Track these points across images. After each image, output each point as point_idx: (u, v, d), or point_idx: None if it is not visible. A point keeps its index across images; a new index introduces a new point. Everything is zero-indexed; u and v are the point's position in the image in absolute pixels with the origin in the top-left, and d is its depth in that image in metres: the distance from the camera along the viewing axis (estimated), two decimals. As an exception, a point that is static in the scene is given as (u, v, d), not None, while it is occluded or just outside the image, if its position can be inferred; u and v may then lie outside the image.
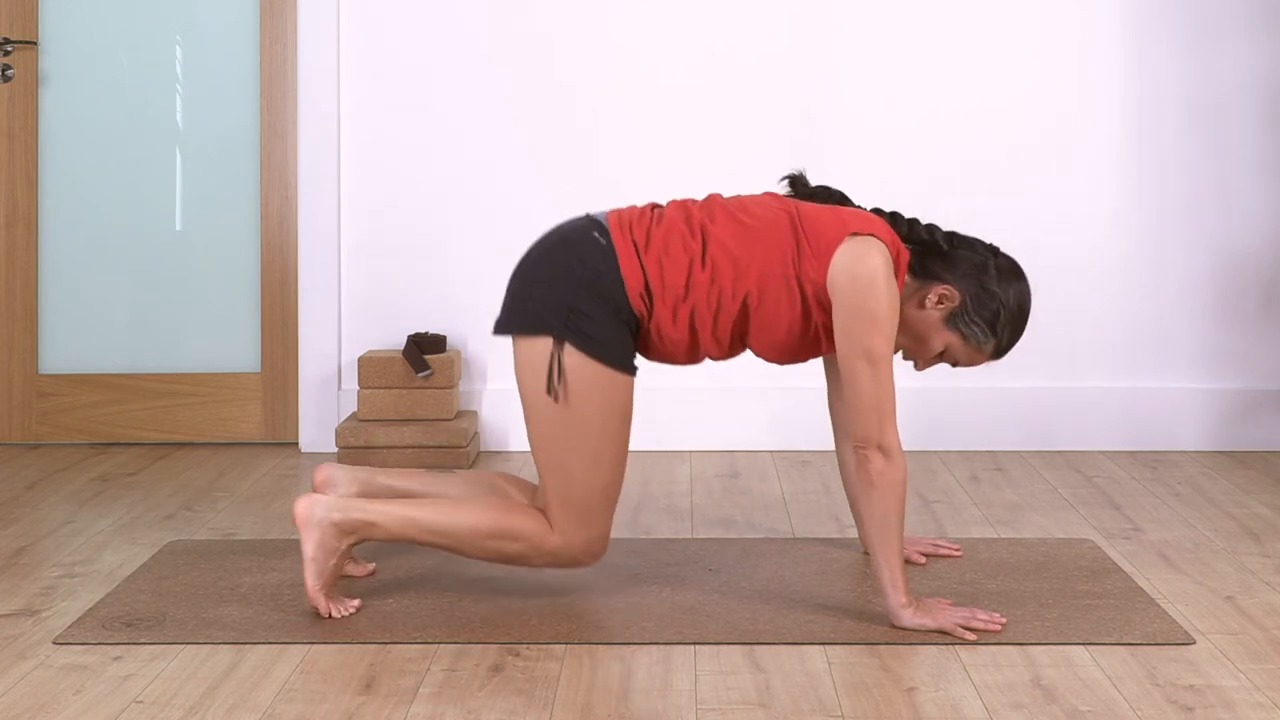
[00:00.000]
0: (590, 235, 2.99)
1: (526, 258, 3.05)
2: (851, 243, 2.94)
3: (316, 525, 2.95)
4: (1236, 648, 2.82)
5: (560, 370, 2.93)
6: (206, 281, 4.76)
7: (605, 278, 2.95)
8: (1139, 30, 4.65)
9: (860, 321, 2.91)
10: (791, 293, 2.96)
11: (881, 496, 2.91)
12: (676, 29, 4.67)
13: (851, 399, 2.93)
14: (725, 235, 2.97)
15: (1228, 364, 4.68)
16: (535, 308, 2.96)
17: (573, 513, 2.99)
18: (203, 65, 4.75)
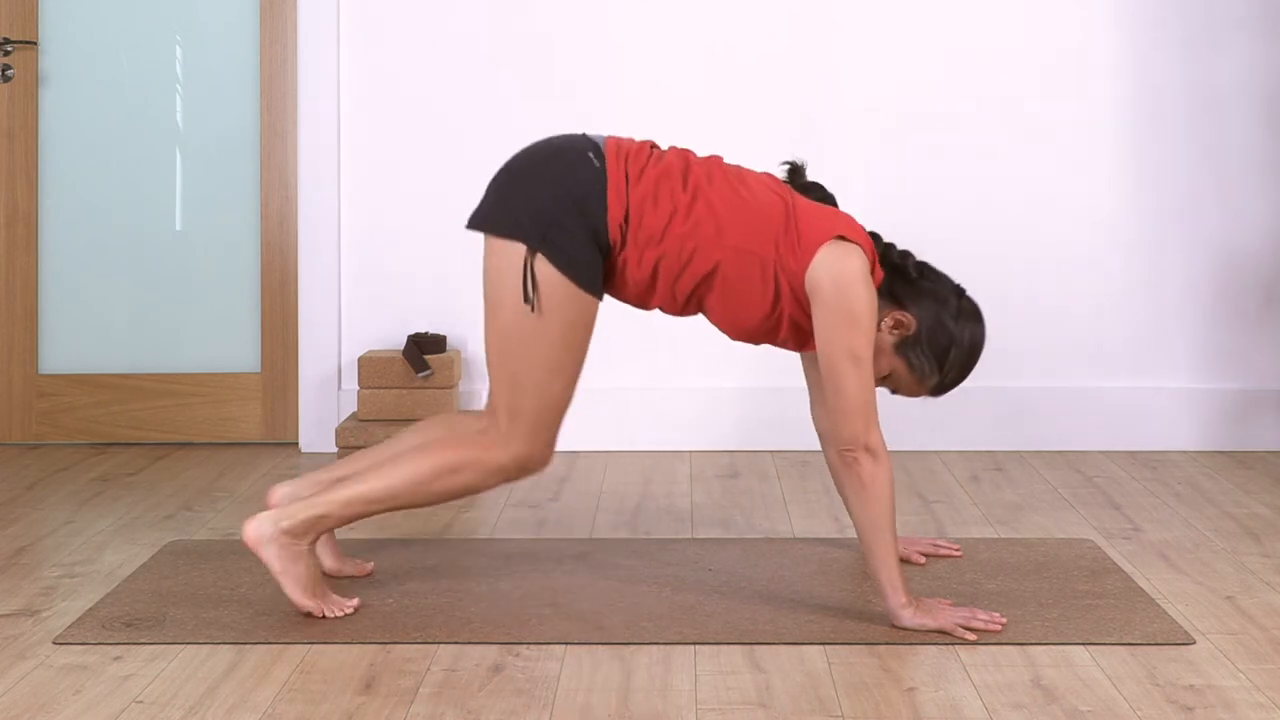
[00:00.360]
0: (585, 154, 2.98)
1: (516, 161, 3.03)
2: (835, 244, 2.95)
3: (270, 540, 2.94)
4: (1236, 648, 2.82)
5: (534, 281, 2.93)
6: (206, 281, 4.76)
7: (591, 199, 2.93)
8: (1139, 30, 4.65)
9: (844, 322, 2.91)
10: (765, 275, 2.96)
11: (874, 498, 2.91)
12: (676, 29, 4.67)
13: (835, 401, 2.92)
14: (717, 198, 2.97)
15: (1228, 364, 4.68)
16: (515, 212, 2.95)
17: (521, 424, 2.97)
18: (203, 65, 4.75)
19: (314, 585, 2.97)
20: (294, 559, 2.95)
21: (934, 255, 4.65)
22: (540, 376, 2.96)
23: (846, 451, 2.92)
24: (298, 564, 2.95)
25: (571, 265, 2.92)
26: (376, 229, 4.69)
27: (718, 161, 3.07)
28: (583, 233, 2.93)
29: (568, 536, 3.63)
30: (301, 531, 2.95)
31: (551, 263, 2.92)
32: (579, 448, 4.67)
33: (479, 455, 2.98)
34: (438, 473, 2.97)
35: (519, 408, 2.97)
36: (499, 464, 2.98)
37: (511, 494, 4.09)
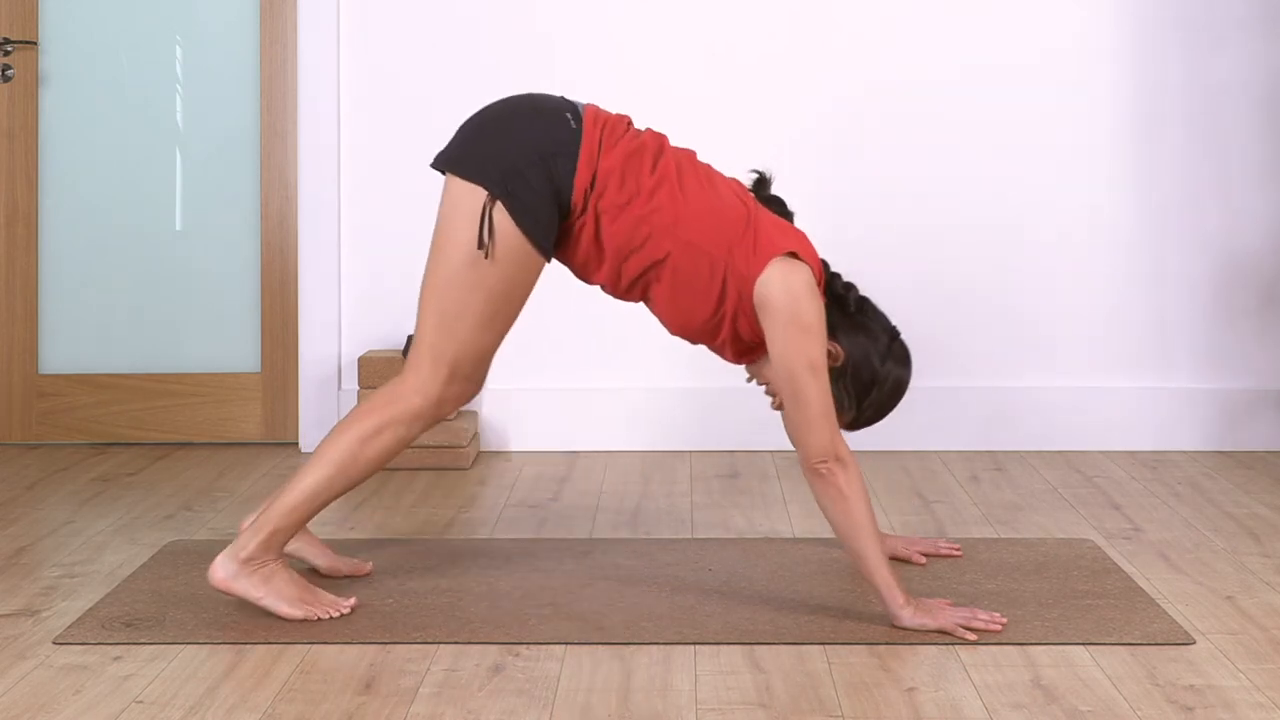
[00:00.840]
0: (563, 114, 2.99)
1: (491, 109, 3.04)
2: (785, 260, 2.94)
3: (236, 575, 2.94)
4: (1236, 648, 2.82)
5: (491, 228, 2.92)
6: (206, 281, 4.76)
7: (560, 159, 2.93)
8: (1139, 30, 4.65)
9: (798, 332, 2.90)
10: (714, 275, 2.95)
11: (855, 505, 2.90)
12: (676, 29, 4.66)
13: (799, 414, 2.92)
14: (681, 189, 2.97)
15: (1228, 364, 4.68)
16: (482, 157, 2.94)
17: (441, 368, 2.97)
18: (203, 65, 4.75)
19: (299, 593, 2.96)
20: (266, 579, 2.95)
21: (934, 255, 4.66)
22: (472, 324, 2.96)
23: (819, 464, 2.91)
24: (272, 581, 2.95)
25: (528, 220, 2.92)
26: (376, 229, 4.69)
27: (690, 155, 3.07)
28: (546, 190, 2.93)
29: (568, 536, 3.63)
30: (261, 556, 2.95)
31: (510, 214, 2.91)
32: (579, 448, 4.67)
33: (394, 410, 2.97)
34: (361, 441, 2.96)
35: (442, 351, 2.97)
36: (415, 411, 2.98)
37: (511, 494, 4.09)
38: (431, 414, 2.99)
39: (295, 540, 3.20)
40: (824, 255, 4.65)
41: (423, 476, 4.30)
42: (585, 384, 4.69)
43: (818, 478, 2.92)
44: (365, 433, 2.97)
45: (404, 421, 2.98)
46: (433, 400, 2.98)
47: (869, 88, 4.65)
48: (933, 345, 4.67)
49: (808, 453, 2.92)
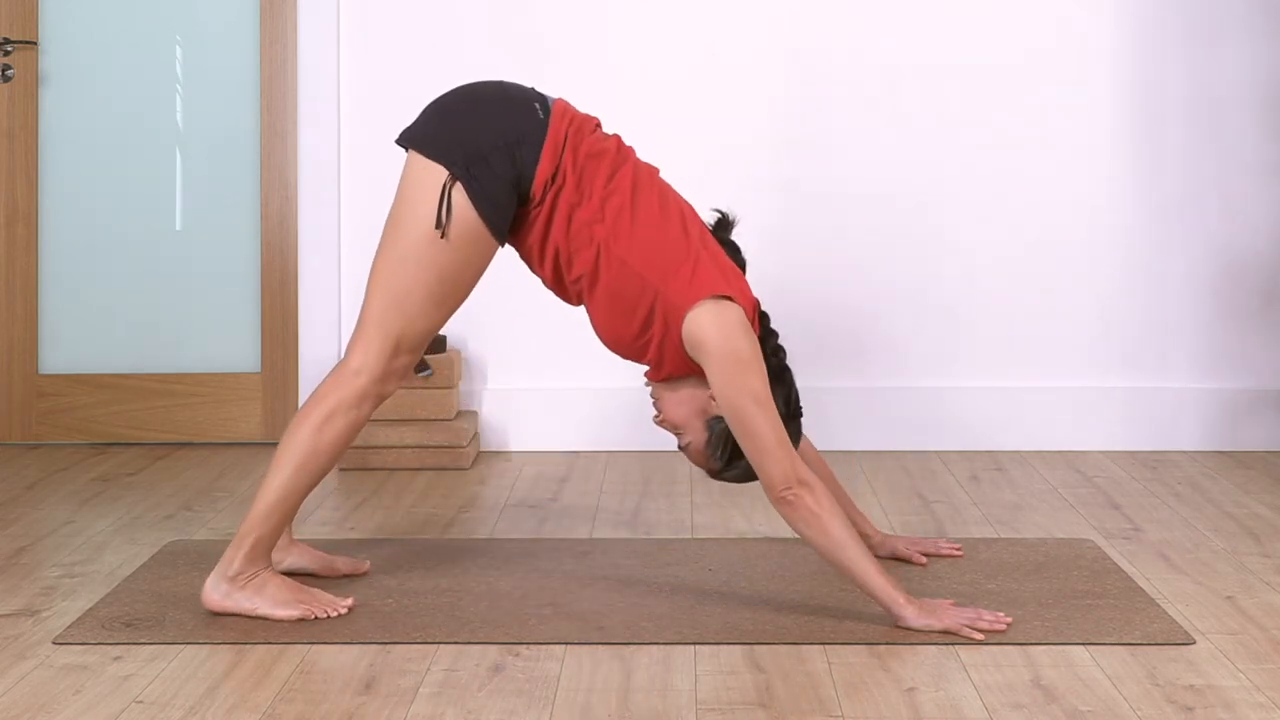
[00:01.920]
0: (531, 104, 3.00)
1: (459, 91, 3.06)
2: (717, 301, 2.93)
3: (228, 594, 2.95)
4: (1236, 648, 2.82)
5: (449, 209, 2.92)
6: (206, 281, 4.76)
7: (524, 148, 2.94)
8: (1139, 30, 4.65)
9: (737, 368, 2.89)
10: (643, 297, 2.95)
11: (829, 522, 2.89)
12: (676, 30, 4.66)
13: (754, 446, 2.90)
14: (631, 205, 2.97)
15: (1228, 364, 4.68)
16: (447, 138, 2.96)
17: (388, 343, 2.97)
18: (203, 65, 4.75)
19: (293, 595, 2.97)
20: (259, 589, 2.96)
21: (934, 255, 4.66)
22: (420, 301, 2.97)
23: (785, 492, 2.89)
24: (265, 590, 2.96)
25: (486, 204, 2.93)
26: (376, 229, 4.66)
27: (652, 174, 3.07)
28: (508, 176, 2.94)
29: (568, 536, 3.63)
30: (249, 569, 2.96)
31: (469, 196, 2.93)
32: (579, 448, 4.67)
33: (340, 394, 2.98)
34: (315, 431, 2.98)
35: (388, 328, 2.97)
36: (361, 391, 2.98)
37: (511, 494, 4.09)
38: (376, 391, 3.00)
39: (283, 552, 3.21)
40: (824, 255, 4.66)
41: (423, 476, 4.30)
42: (585, 384, 4.68)
43: (786, 505, 2.91)
44: (317, 422, 2.98)
45: (353, 404, 2.99)
46: (377, 376, 2.99)
47: (868, 88, 4.65)
48: (932, 345, 4.67)
49: (770, 483, 2.91)
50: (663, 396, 3.12)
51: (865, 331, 4.68)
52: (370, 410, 3.02)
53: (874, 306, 4.67)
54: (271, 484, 2.99)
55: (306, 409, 3.01)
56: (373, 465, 4.39)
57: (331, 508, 3.92)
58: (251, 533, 2.97)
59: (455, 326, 4.67)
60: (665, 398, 3.11)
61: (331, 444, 2.99)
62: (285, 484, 2.98)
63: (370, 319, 2.99)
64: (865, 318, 4.68)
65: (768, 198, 4.65)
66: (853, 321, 4.68)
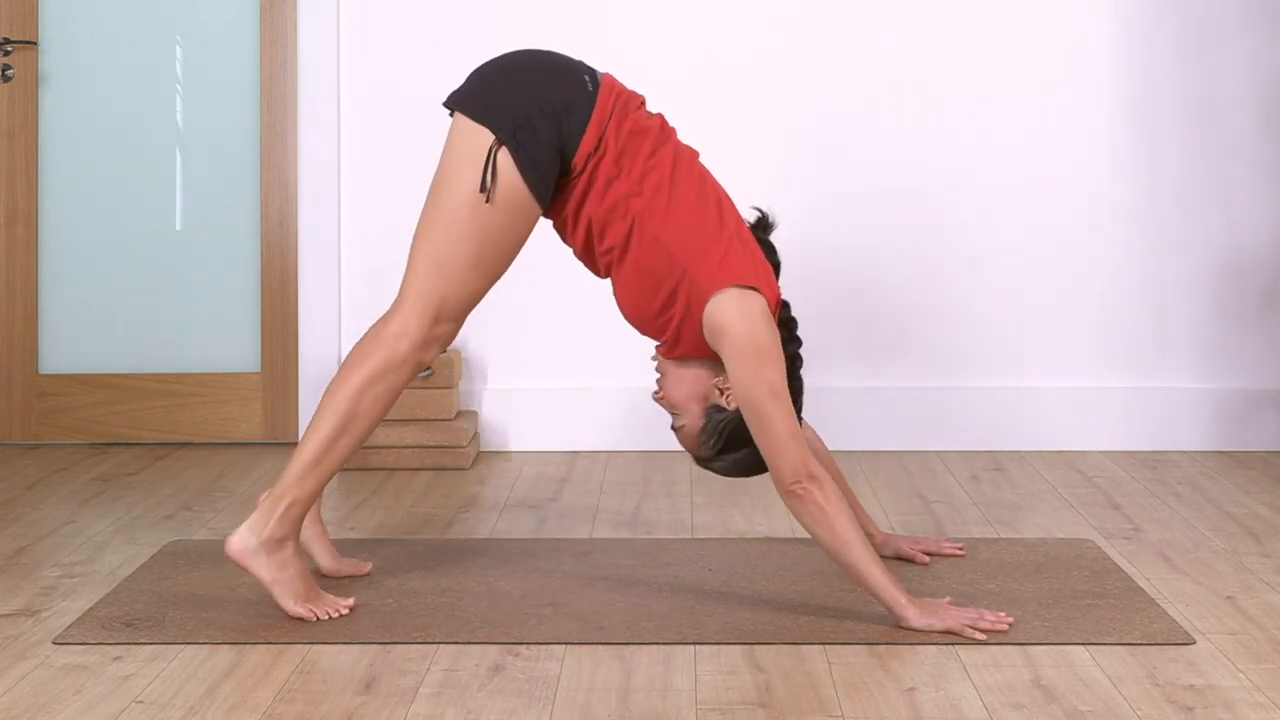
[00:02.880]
0: (581, 76, 3.01)
1: (509, 57, 3.06)
2: (742, 289, 2.93)
3: (255, 552, 2.93)
4: (1236, 648, 2.82)
5: (494, 173, 2.93)
6: (206, 281, 4.76)
7: (572, 118, 2.95)
8: (1139, 30, 4.65)
9: (756, 358, 2.90)
10: (670, 276, 2.96)
11: (837, 519, 2.89)
12: (676, 29, 4.66)
13: (766, 439, 2.90)
14: (669, 183, 2.97)
15: (1228, 364, 4.68)
16: (495, 102, 2.96)
17: (426, 309, 2.97)
18: (203, 65, 4.75)
19: (306, 590, 2.96)
20: (282, 566, 2.95)
21: (935, 255, 4.66)
22: (463, 266, 2.97)
23: (794, 485, 2.89)
24: (286, 570, 2.95)
25: (531, 170, 2.93)
26: (376, 229, 4.69)
27: (692, 156, 3.08)
28: (552, 144, 2.94)
29: (568, 536, 3.63)
30: (281, 534, 2.94)
31: (514, 161, 2.93)
32: (579, 448, 4.67)
33: (382, 358, 2.97)
34: (356, 397, 2.96)
35: (429, 292, 2.97)
36: (401, 356, 2.97)
37: (511, 494, 4.09)
38: (415, 358, 2.98)
39: (310, 527, 3.20)
40: (823, 255, 4.66)
41: (423, 476, 4.30)
42: (585, 384, 4.69)
43: (795, 499, 2.90)
44: (360, 384, 2.96)
45: (393, 368, 2.97)
46: (417, 343, 2.98)
47: (866, 87, 4.65)
48: (933, 345, 4.68)
49: (780, 475, 2.91)
50: (668, 373, 3.11)
51: (865, 331, 4.68)
52: (409, 377, 3.00)
53: (873, 306, 4.66)
54: (308, 444, 2.96)
55: (345, 372, 2.98)
56: (373, 465, 4.39)
57: (332, 508, 3.92)
58: (287, 495, 2.94)
59: (455, 326, 4.67)
60: (670, 375, 3.10)
61: (371, 407, 2.96)
62: (321, 445, 2.95)
63: (412, 284, 2.99)
64: (865, 317, 4.68)
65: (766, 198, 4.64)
66: (852, 321, 4.68)
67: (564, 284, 4.52)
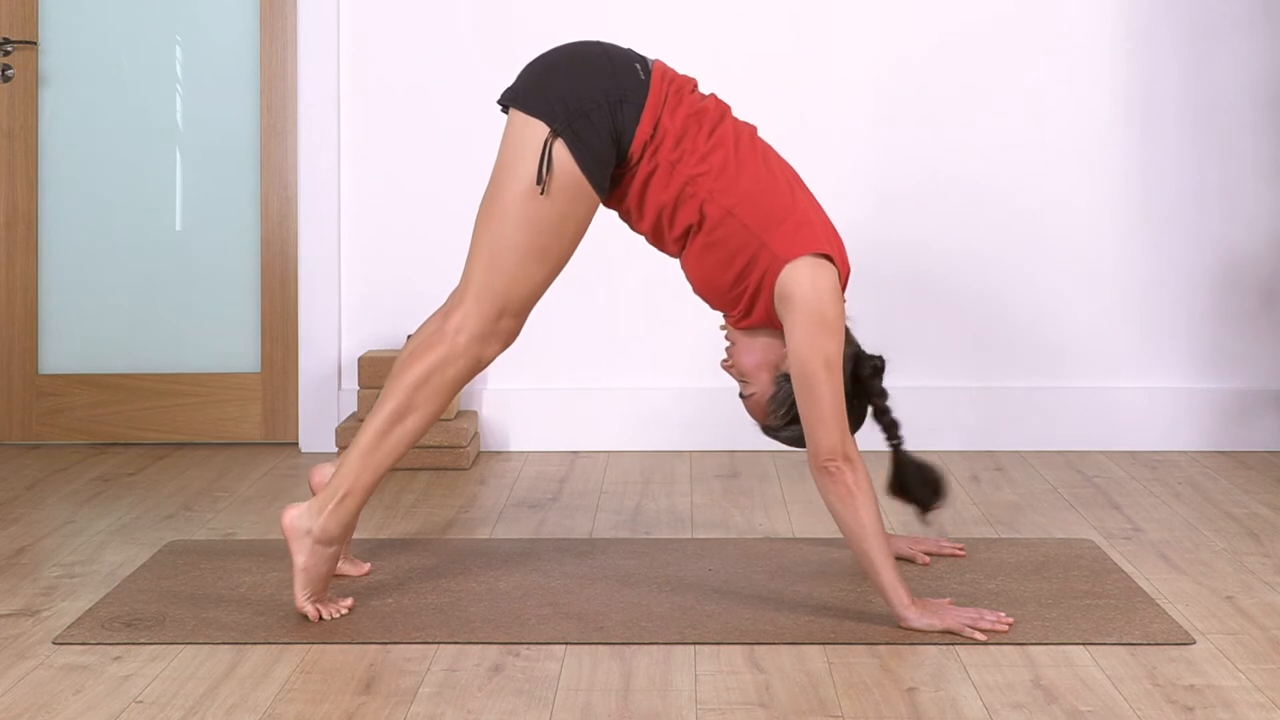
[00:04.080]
0: (632, 64, 3.02)
1: (562, 49, 3.06)
2: (817, 259, 2.95)
3: (304, 536, 2.94)
4: (1236, 648, 2.82)
5: (549, 163, 2.93)
6: (206, 281, 4.76)
7: (626, 106, 2.95)
8: (1139, 30, 4.65)
9: (819, 328, 2.91)
10: (744, 247, 2.96)
11: (862, 504, 2.90)
12: (677, 28, 4.66)
13: (811, 411, 2.91)
14: (734, 158, 2.98)
15: (1228, 364, 4.68)
16: (550, 94, 2.96)
17: (487, 304, 2.97)
18: (203, 65, 4.75)
19: (323, 590, 2.97)
20: (320, 561, 2.95)
21: (935, 254, 4.66)
22: (523, 258, 2.96)
23: (829, 462, 2.91)
24: (321, 566, 2.95)
25: (588, 159, 2.93)
26: (376, 229, 4.69)
27: (752, 130, 3.09)
28: (608, 134, 2.94)
29: (568, 536, 3.63)
30: (334, 529, 2.94)
31: (571, 152, 2.93)
32: (579, 448, 4.67)
33: (443, 352, 2.96)
34: (415, 389, 2.95)
35: (490, 286, 2.97)
36: (462, 350, 2.97)
37: (511, 494, 4.09)
38: (476, 352, 2.97)
39: None
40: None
41: (423, 476, 4.30)
42: (585, 384, 4.68)
43: (826, 475, 2.91)
44: (419, 378, 2.95)
45: (451, 361, 2.96)
46: (476, 336, 2.97)
47: (865, 87, 4.65)
48: (932, 345, 4.67)
49: (817, 449, 2.92)
50: (738, 342, 3.12)
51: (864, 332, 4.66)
52: (468, 371, 2.98)
53: (873, 307, 4.66)
54: (363, 437, 2.95)
55: (405, 365, 2.98)
56: (373, 465, 4.39)
57: (331, 508, 3.92)
58: (343, 486, 2.94)
59: (455, 326, 4.67)
60: (741, 343, 3.11)
61: (427, 400, 2.95)
62: (375, 437, 2.94)
63: (472, 279, 2.99)
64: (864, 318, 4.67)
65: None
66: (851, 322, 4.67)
67: (564, 284, 4.51)
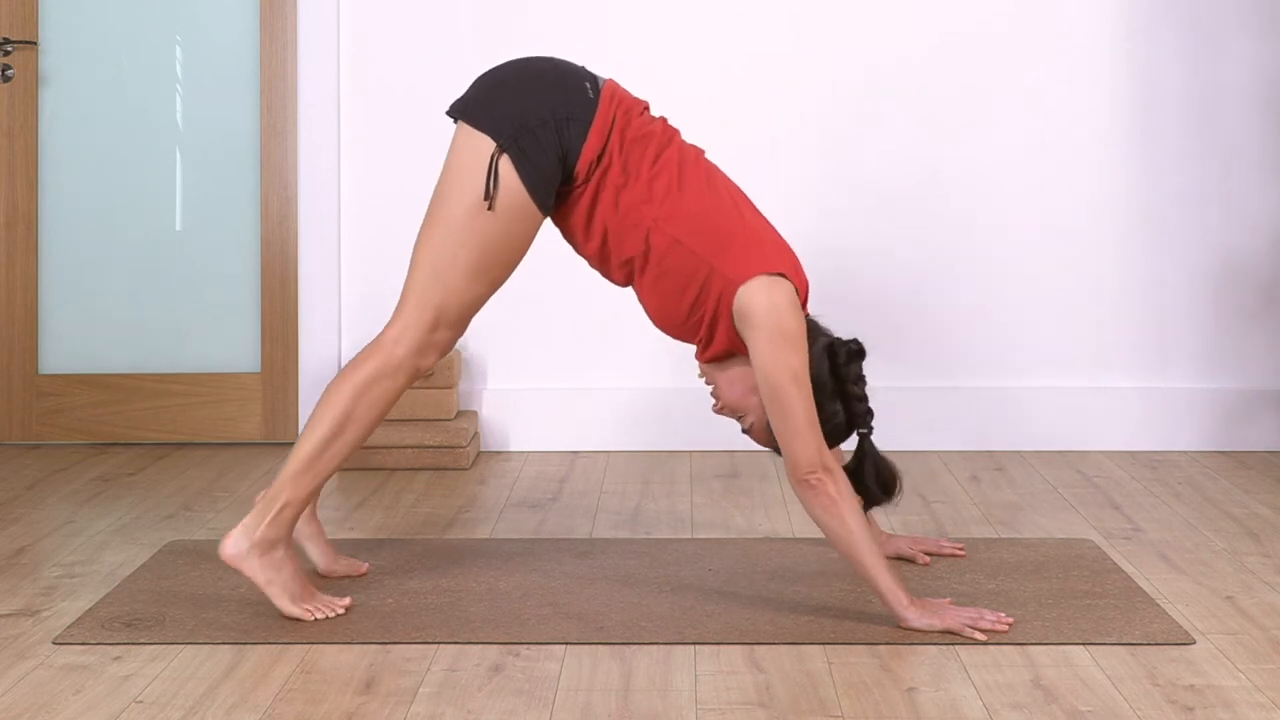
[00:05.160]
0: (582, 82, 3.01)
1: (512, 64, 3.07)
2: (771, 277, 2.94)
3: (247, 555, 2.93)
4: (1236, 648, 2.82)
5: (496, 179, 2.93)
6: (206, 281, 4.76)
7: (573, 125, 2.95)
8: (1139, 30, 4.65)
9: (781, 344, 2.91)
10: (695, 275, 2.96)
11: (847, 512, 2.89)
12: (675, 28, 4.66)
13: (784, 426, 2.91)
14: (679, 184, 2.97)
15: (1228, 364, 4.68)
16: (497, 109, 2.97)
17: (425, 316, 2.97)
18: (203, 65, 4.75)
19: (301, 591, 2.96)
20: (276, 568, 2.95)
21: (934, 254, 4.66)
22: (466, 272, 2.97)
23: (809, 475, 2.90)
24: (281, 572, 2.95)
25: (533, 177, 2.94)
26: (376, 229, 4.69)
27: (698, 154, 3.08)
28: (553, 152, 2.94)
29: (568, 536, 3.63)
30: (273, 536, 2.94)
31: (515, 169, 2.93)
32: (579, 448, 4.67)
33: (379, 363, 2.97)
34: (353, 399, 2.96)
35: (429, 300, 2.97)
36: (398, 361, 2.97)
37: (511, 494, 4.09)
38: (413, 363, 2.99)
39: (306, 526, 3.20)
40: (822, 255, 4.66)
41: (423, 476, 4.30)
42: (585, 384, 4.68)
43: (807, 488, 2.91)
44: (356, 388, 2.96)
45: (389, 373, 2.97)
46: (414, 349, 2.98)
47: (864, 87, 4.65)
48: (932, 345, 4.67)
49: (795, 463, 2.91)
50: (716, 380, 3.12)
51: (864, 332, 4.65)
52: (405, 383, 3.00)
53: (873, 307, 4.66)
54: (303, 446, 2.96)
55: (344, 375, 2.99)
56: (373, 465, 4.39)
57: (332, 507, 3.92)
58: (281, 496, 2.95)
59: (455, 326, 4.67)
60: (718, 381, 3.11)
61: (366, 411, 2.96)
62: (317, 447, 2.95)
63: (412, 290, 2.99)
64: (864, 318, 4.67)
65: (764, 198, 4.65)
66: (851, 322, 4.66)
67: (564, 284, 4.52)
